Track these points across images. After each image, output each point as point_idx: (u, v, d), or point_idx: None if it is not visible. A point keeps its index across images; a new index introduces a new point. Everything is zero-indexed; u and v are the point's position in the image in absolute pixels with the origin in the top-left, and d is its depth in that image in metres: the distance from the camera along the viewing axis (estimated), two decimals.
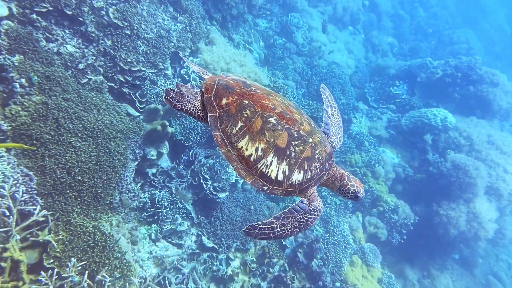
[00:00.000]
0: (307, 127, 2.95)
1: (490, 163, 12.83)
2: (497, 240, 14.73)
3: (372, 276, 10.42)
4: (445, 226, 11.97)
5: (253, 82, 3.20)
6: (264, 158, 2.81)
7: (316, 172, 2.94)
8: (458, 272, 14.92)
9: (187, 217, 8.36)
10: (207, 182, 8.59)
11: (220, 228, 8.57)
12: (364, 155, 12.43)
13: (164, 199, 7.67)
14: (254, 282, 7.94)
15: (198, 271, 7.67)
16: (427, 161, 13.09)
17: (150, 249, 7.20)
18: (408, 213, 12.03)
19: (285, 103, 3.03)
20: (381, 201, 12.03)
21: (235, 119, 2.83)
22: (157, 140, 7.90)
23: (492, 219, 12.47)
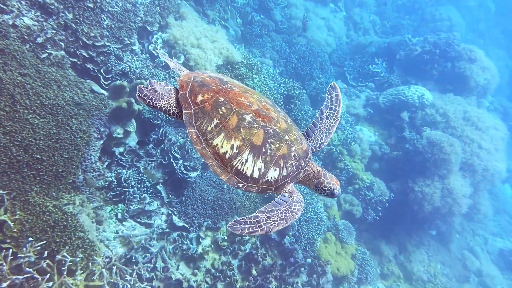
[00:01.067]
0: (284, 125, 2.94)
1: (465, 140, 12.93)
2: (472, 215, 15.00)
3: (346, 252, 10.50)
4: (420, 202, 12.09)
5: (230, 79, 3.17)
6: (239, 156, 2.80)
7: (292, 170, 2.94)
8: (434, 248, 15.20)
9: (157, 197, 8.24)
10: (177, 161, 8.45)
11: (191, 208, 8.48)
12: (341, 133, 12.38)
13: (131, 178, 7.52)
14: (224, 260, 7.91)
15: (168, 250, 7.60)
16: (403, 139, 13.12)
17: (117, 228, 7.08)
18: (384, 190, 12.09)
19: (261, 100, 3.00)
20: (357, 179, 12.06)
21: (211, 116, 2.81)
22: (123, 118, 7.69)
23: (466, 194, 12.62)
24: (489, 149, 13.08)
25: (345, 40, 19.24)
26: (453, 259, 15.68)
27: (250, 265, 8.02)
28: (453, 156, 11.84)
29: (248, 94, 2.97)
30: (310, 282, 8.60)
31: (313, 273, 8.89)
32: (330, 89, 3.45)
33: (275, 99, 10.92)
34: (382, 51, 16.96)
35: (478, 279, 15.69)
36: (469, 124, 13.37)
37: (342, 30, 19.73)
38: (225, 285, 7.68)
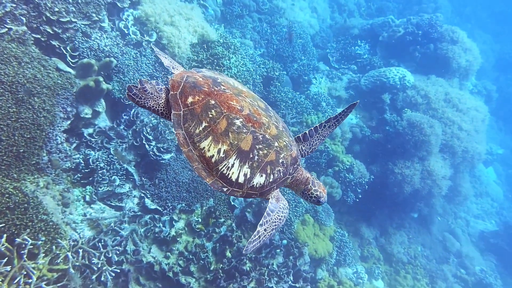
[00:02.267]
0: (274, 131, 2.92)
1: (446, 121, 12.87)
2: (453, 197, 15.08)
3: (324, 234, 10.44)
4: (399, 184, 12.06)
5: (226, 79, 3.13)
6: (225, 160, 2.78)
7: (279, 176, 2.95)
8: (415, 230, 15.29)
9: (129, 179, 8.03)
10: (150, 143, 8.23)
11: (165, 190, 8.29)
12: (321, 115, 12.24)
13: (99, 160, 7.28)
14: (198, 242, 7.77)
15: (139, 233, 7.43)
16: (384, 121, 13.03)
17: (84, 211, 6.87)
18: (364, 173, 12.03)
19: (254, 104, 2.97)
20: (337, 161, 11.96)
21: (200, 119, 2.79)
22: (91, 98, 7.42)
23: (446, 176, 12.64)
24: (469, 131, 13.07)
25: (329, 22, 18.98)
26: (434, 241, 15.81)
27: (224, 247, 7.90)
28: (433, 138, 11.79)
29: (241, 97, 2.93)
30: (286, 263, 8.53)
31: (289, 255, 8.82)
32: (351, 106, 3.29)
33: (253, 80, 10.70)
34: (365, 33, 16.75)
35: (457, 260, 15.87)
36: (450, 105, 13.31)
37: (326, 12, 19.44)
38: (199, 267, 7.56)
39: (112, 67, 7.79)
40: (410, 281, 12.85)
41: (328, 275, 10.48)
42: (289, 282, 8.30)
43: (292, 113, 11.65)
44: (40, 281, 5.55)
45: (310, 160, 11.67)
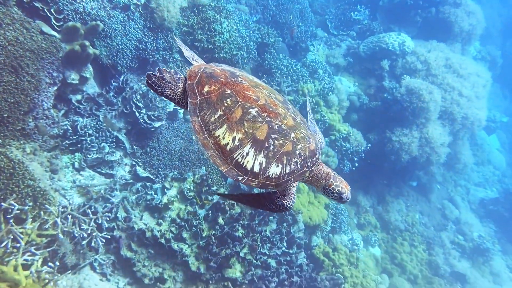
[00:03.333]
0: (291, 122, 2.91)
1: (446, 87, 12.61)
2: (453, 165, 14.98)
3: (319, 202, 10.42)
4: (397, 152, 11.94)
5: (244, 74, 3.14)
6: (240, 149, 2.78)
7: (296, 168, 2.90)
8: (414, 198, 15.30)
9: (120, 147, 7.96)
10: (140, 111, 8.11)
11: (156, 158, 8.24)
12: (318, 84, 12.02)
13: (88, 127, 7.19)
14: (190, 209, 7.75)
15: (130, 201, 7.41)
16: (382, 88, 12.79)
17: (73, 178, 6.83)
18: (360, 141, 11.90)
19: (271, 96, 2.98)
20: (334, 130, 11.82)
21: (215, 107, 2.82)
22: (78, 63, 7.25)
23: (444, 143, 12.48)
24: (469, 97, 12.81)
25: None
26: (432, 208, 15.83)
27: (217, 214, 7.89)
28: (432, 104, 11.58)
29: (258, 89, 2.95)
30: (280, 230, 8.53)
31: (283, 222, 8.81)
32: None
33: (247, 46, 10.44)
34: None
35: (456, 227, 15.93)
36: (450, 71, 13.01)
37: None
38: (191, 234, 7.56)
39: (99, 31, 7.59)
40: (407, 247, 12.92)
41: (323, 242, 10.53)
42: (282, 248, 8.33)
43: (287, 81, 11.44)
44: (29, 245, 5.57)
45: None
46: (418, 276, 12.31)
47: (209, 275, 7.41)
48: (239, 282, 7.59)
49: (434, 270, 12.96)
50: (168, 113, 8.65)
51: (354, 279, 10.25)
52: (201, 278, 7.40)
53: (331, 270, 9.87)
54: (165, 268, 7.33)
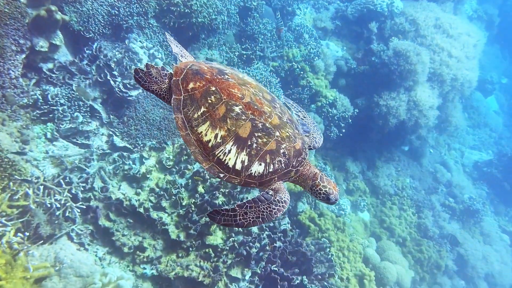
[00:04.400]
0: (276, 121, 2.89)
1: (435, 48, 12.32)
2: (444, 128, 14.86)
3: None
4: (385, 116, 11.78)
5: (234, 72, 3.12)
6: (222, 146, 2.78)
7: (280, 167, 2.89)
8: (404, 163, 15.27)
9: (96, 117, 7.85)
10: (115, 79, 7.95)
11: (134, 128, 8.12)
12: (303, 49, 11.74)
13: (59, 96, 7.05)
14: (170, 178, 7.71)
15: (107, 171, 7.36)
16: (370, 51, 12.49)
17: (46, 148, 6.75)
18: (347, 107, 11.73)
19: (258, 94, 2.94)
20: (320, 96, 11.62)
21: (199, 104, 2.83)
22: (46, 30, 7.04)
23: (433, 106, 12.31)
24: (459, 57, 12.53)
25: None
26: (424, 172, 15.84)
27: (197, 183, 7.85)
28: (420, 66, 11.33)
29: (245, 87, 2.93)
30: None
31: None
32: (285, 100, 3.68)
33: (228, 11, 10.14)
34: None
35: (447, 190, 15.98)
36: (440, 31, 12.67)
37: None
38: (171, 203, 7.54)
39: None
40: (396, 211, 12.99)
41: (310, 208, 10.55)
42: None
43: (272, 47, 11.18)
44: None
45: (291, 97, 11.35)
46: (406, 239, 12.43)
47: (189, 242, 7.44)
48: (220, 249, 7.62)
49: (423, 232, 13.09)
50: None
51: (341, 243, 10.33)
52: (182, 245, 7.42)
53: (317, 235, 9.92)
54: (145, 237, 7.35)
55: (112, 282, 6.33)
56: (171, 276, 7.12)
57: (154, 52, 8.70)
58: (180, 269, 7.23)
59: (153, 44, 8.79)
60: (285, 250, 8.65)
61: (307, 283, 8.26)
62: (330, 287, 8.61)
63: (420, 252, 12.23)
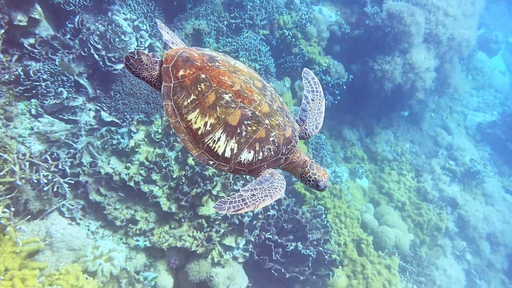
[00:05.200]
0: (266, 109, 2.89)
1: (430, 8, 11.94)
2: (443, 90, 14.60)
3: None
4: (380, 81, 11.59)
5: (225, 58, 3.09)
6: (212, 133, 2.80)
7: (270, 154, 2.92)
8: (404, 128, 15.13)
9: (82, 92, 7.80)
10: (99, 53, 7.85)
11: (122, 102, 8.07)
12: (294, 15, 11.46)
13: (42, 71, 7.00)
14: (159, 152, 7.71)
15: (95, 146, 7.37)
16: (364, 15, 12.16)
17: (31, 125, 6.75)
18: (341, 73, 11.52)
19: (248, 82, 2.94)
20: (313, 64, 11.42)
21: (189, 91, 2.83)
22: (23, 3, 6.92)
23: (430, 68, 12.05)
24: (456, 16, 12.15)
25: None
26: (424, 137, 15.69)
27: (187, 155, 7.85)
28: (414, 27, 11.02)
29: (235, 74, 2.91)
30: None
31: None
32: (305, 75, 3.46)
33: None
34: None
35: (447, 153, 15.86)
36: None
37: None
38: (161, 176, 7.57)
39: None
40: (394, 176, 12.95)
41: None
42: None
43: (261, 14, 10.92)
44: None
45: (284, 65, 11.18)
46: (406, 203, 12.44)
47: (182, 214, 7.51)
48: (213, 219, 7.69)
49: (422, 196, 13.07)
50: None
51: (337, 210, 10.37)
52: (174, 217, 7.50)
53: (313, 203, 9.96)
54: (137, 210, 7.43)
55: (104, 254, 6.45)
56: (164, 247, 7.23)
57: (138, 24, 8.55)
58: (173, 240, 7.33)
59: (137, 16, 8.62)
60: (280, 218, 8.71)
61: (302, 248, 8.35)
62: (325, 252, 8.69)
63: (420, 216, 12.25)
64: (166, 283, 7.08)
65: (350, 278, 9.47)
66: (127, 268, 6.76)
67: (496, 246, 14.29)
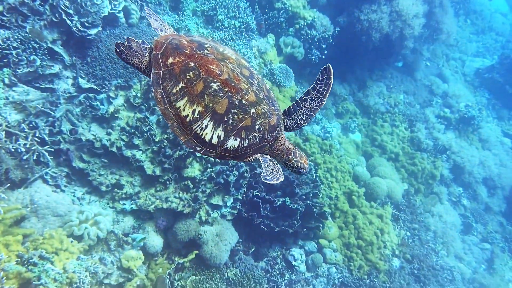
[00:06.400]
0: (252, 98, 2.98)
1: None
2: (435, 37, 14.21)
3: (284, 95, 10.21)
4: (367, 31, 11.28)
5: (214, 45, 3.14)
6: (199, 121, 2.89)
7: (255, 142, 3.04)
8: (398, 79, 14.90)
9: (57, 60, 7.72)
10: (72, 18, 7.70)
11: (99, 68, 7.98)
12: None
13: (11, 39, 6.91)
14: (140, 116, 7.71)
15: (75, 113, 7.38)
16: None
17: (6, 94, 6.74)
18: (327, 26, 11.21)
19: (236, 71, 3.00)
20: (298, 18, 11.10)
21: (177, 79, 2.89)
22: None
23: (418, 14, 11.67)
24: None
25: None
26: (419, 86, 15.46)
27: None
28: None
29: (223, 62, 2.98)
30: None
31: None
32: (323, 71, 3.23)
33: None
34: None
35: (442, 101, 15.66)
36: None
37: None
38: (143, 140, 7.59)
39: None
40: (387, 128, 12.88)
41: (294, 134, 10.52)
42: None
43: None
44: None
45: (267, 22, 10.90)
46: (399, 154, 12.42)
47: (166, 176, 7.59)
48: (198, 180, 7.77)
49: (416, 145, 13.02)
50: (105, 18, 8.21)
51: (328, 165, 10.41)
52: (159, 180, 7.59)
53: None
54: (122, 175, 7.51)
55: (90, 218, 6.60)
56: (150, 209, 7.35)
57: None
58: (160, 202, 7.44)
59: None
60: None
61: (290, 203, 8.45)
62: (314, 205, 8.79)
63: (414, 165, 12.27)
64: (155, 243, 7.25)
65: (342, 229, 9.63)
66: (115, 231, 6.92)
67: (493, 189, 14.35)
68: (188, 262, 7.50)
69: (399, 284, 9.30)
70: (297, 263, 8.73)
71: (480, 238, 13.06)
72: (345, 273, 8.96)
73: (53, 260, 5.45)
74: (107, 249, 6.89)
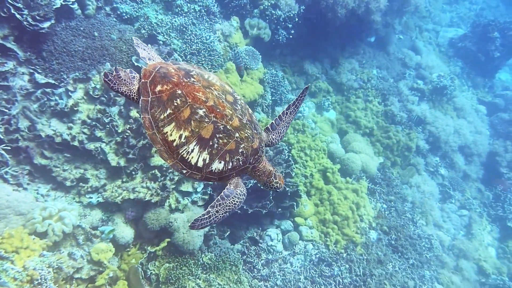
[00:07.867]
0: (236, 123, 3.13)
1: None
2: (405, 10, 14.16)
3: (252, 78, 10.11)
4: (332, 8, 11.17)
5: (200, 72, 3.29)
6: (186, 145, 3.01)
7: (238, 164, 3.20)
8: (370, 55, 14.86)
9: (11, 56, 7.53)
10: (21, 12, 7.50)
11: (56, 62, 7.82)
12: None
13: None
14: (101, 107, 7.59)
15: (33, 110, 7.24)
16: None
17: None
18: (292, 5, 11.07)
19: (221, 97, 3.14)
20: None
21: (165, 106, 3.01)
22: None
23: None
24: None
25: None
26: (392, 60, 15.46)
27: (129, 108, 7.73)
28: None
29: (209, 89, 3.11)
30: None
31: None
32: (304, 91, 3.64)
33: None
34: None
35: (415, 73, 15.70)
36: None
37: None
38: (106, 132, 7.49)
39: None
40: (361, 104, 12.89)
41: (266, 116, 10.48)
42: None
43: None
44: None
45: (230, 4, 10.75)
46: (373, 128, 12.46)
47: (132, 167, 7.52)
48: (165, 168, 7.72)
49: (390, 119, 13.07)
50: (59, 11, 8.01)
51: (301, 144, 10.41)
52: (125, 171, 7.52)
53: None
54: (86, 168, 7.42)
55: (54, 214, 6.52)
56: (118, 201, 7.29)
57: None
58: (127, 193, 7.39)
59: None
60: None
61: None
62: (287, 184, 8.80)
63: (388, 138, 12.32)
64: (124, 234, 7.22)
65: (317, 206, 9.67)
66: (82, 225, 6.85)
67: (470, 157, 14.51)
68: (160, 250, 7.49)
69: (376, 255, 9.40)
70: (273, 242, 8.78)
71: (458, 206, 13.24)
72: (322, 249, 9.03)
73: (13, 259, 5.39)
74: (76, 244, 6.84)
